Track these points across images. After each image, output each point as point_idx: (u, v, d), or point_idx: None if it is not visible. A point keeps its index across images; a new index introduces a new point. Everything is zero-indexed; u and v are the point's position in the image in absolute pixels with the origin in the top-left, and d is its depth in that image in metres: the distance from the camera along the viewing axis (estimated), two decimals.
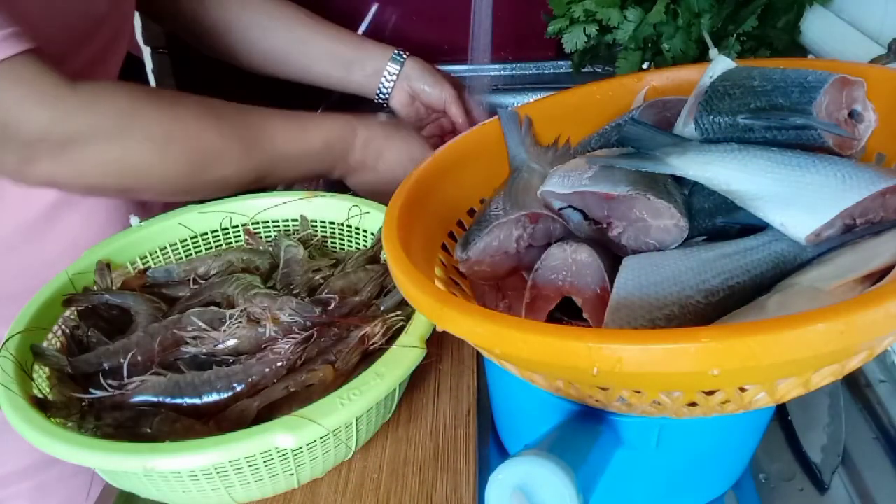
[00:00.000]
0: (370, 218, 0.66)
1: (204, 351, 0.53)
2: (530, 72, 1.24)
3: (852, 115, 0.45)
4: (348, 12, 1.24)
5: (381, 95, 0.88)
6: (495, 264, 0.50)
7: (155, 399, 0.49)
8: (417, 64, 0.87)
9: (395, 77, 0.86)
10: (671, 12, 0.82)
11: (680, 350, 0.30)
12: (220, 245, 0.69)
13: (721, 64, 0.51)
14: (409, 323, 0.52)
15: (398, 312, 0.55)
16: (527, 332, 0.33)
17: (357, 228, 0.67)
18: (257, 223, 0.69)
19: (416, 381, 0.59)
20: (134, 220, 0.66)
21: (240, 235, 0.69)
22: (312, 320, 0.54)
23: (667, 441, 0.43)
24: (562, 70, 1.23)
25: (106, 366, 0.52)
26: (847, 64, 0.54)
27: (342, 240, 0.69)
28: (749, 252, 0.42)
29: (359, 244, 0.68)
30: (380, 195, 0.69)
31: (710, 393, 0.37)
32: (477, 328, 0.35)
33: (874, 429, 0.55)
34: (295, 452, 0.46)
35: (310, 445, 0.46)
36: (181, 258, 0.67)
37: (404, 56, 0.87)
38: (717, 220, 0.46)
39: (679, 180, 0.48)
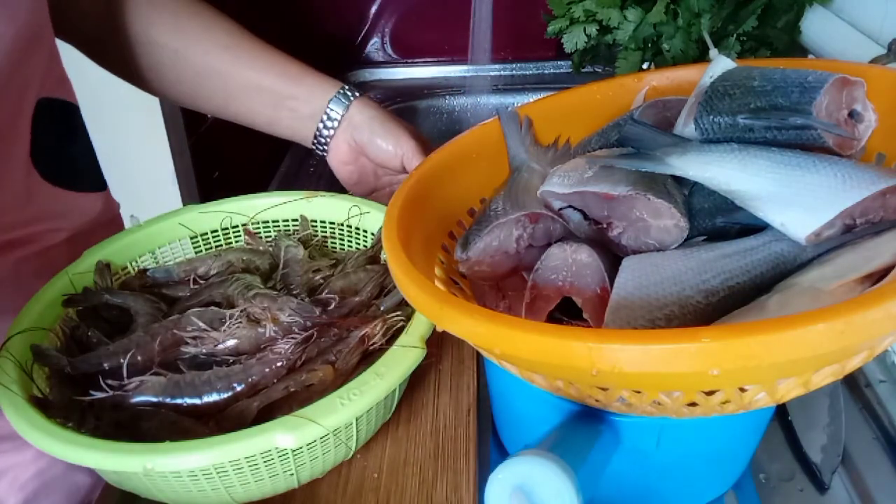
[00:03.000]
0: (370, 218, 0.66)
1: (204, 351, 0.53)
2: (530, 72, 1.25)
3: (852, 115, 0.45)
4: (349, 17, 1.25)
5: (320, 144, 0.69)
6: (495, 264, 0.50)
7: (155, 399, 0.49)
8: (367, 107, 0.66)
9: (336, 122, 0.66)
10: (671, 12, 0.83)
11: (680, 350, 0.30)
12: (220, 245, 0.69)
13: (721, 64, 0.51)
14: (409, 323, 0.52)
15: (398, 312, 0.55)
16: (527, 332, 0.33)
17: (357, 228, 0.67)
18: (257, 223, 0.69)
19: (416, 381, 0.59)
20: (134, 220, 0.66)
21: (240, 235, 0.69)
22: (312, 320, 0.54)
23: (667, 441, 0.43)
24: (562, 70, 1.24)
25: (106, 366, 0.52)
26: (847, 64, 0.54)
27: (342, 240, 0.69)
28: (749, 252, 0.42)
29: (359, 244, 0.68)
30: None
31: (710, 393, 0.37)
32: (477, 328, 0.35)
33: (874, 429, 0.55)
34: (295, 452, 0.46)
35: (310, 445, 0.46)
36: (181, 258, 0.67)
37: (352, 95, 0.66)
38: (717, 220, 0.46)
39: (679, 180, 0.48)
